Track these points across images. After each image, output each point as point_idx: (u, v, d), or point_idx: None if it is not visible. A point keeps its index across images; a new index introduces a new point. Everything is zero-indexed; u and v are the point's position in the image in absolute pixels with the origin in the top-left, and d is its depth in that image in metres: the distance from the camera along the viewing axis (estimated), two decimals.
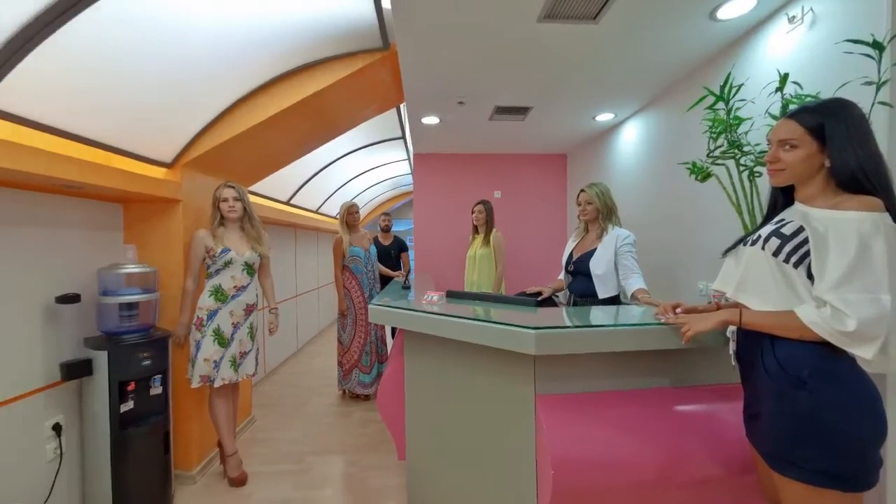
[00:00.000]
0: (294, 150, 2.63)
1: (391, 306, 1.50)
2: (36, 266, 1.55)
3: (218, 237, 1.96)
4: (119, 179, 1.63)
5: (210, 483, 2.03)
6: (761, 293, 0.89)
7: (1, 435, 1.41)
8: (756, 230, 0.98)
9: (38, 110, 1.34)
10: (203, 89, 1.80)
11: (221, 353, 1.92)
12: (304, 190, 4.13)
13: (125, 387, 1.67)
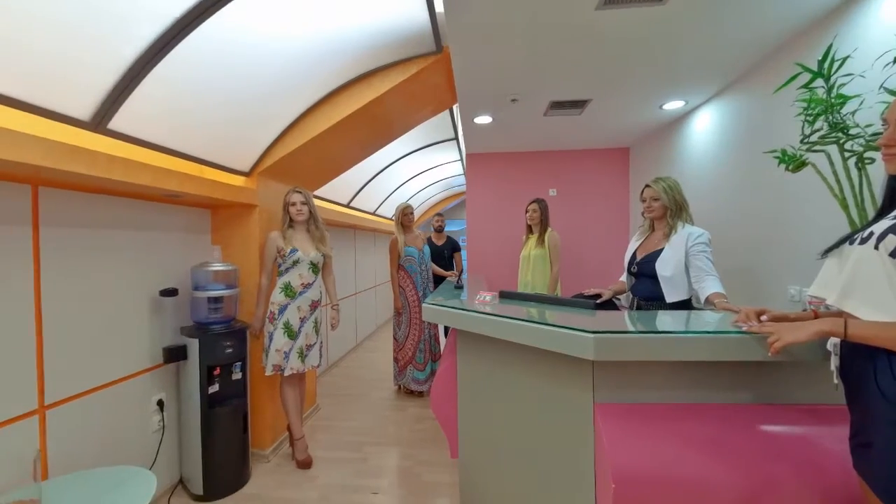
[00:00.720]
0: (354, 155, 2.78)
1: (444, 305, 1.52)
2: (145, 263, 1.82)
3: (287, 238, 2.14)
4: (209, 188, 1.86)
5: (281, 463, 2.22)
6: (874, 300, 0.76)
7: (120, 407, 1.68)
8: (867, 226, 0.83)
9: (146, 130, 1.57)
10: (275, 104, 1.98)
11: (290, 345, 2.10)
12: (363, 193, 4.35)
13: (212, 371, 1.89)
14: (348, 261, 4.51)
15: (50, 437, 1.41)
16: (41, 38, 1.11)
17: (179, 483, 1.98)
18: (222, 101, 1.72)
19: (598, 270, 3.60)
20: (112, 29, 1.22)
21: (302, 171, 2.49)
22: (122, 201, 1.70)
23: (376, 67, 2.12)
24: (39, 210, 1.39)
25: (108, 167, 1.37)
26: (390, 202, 5.36)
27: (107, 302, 1.64)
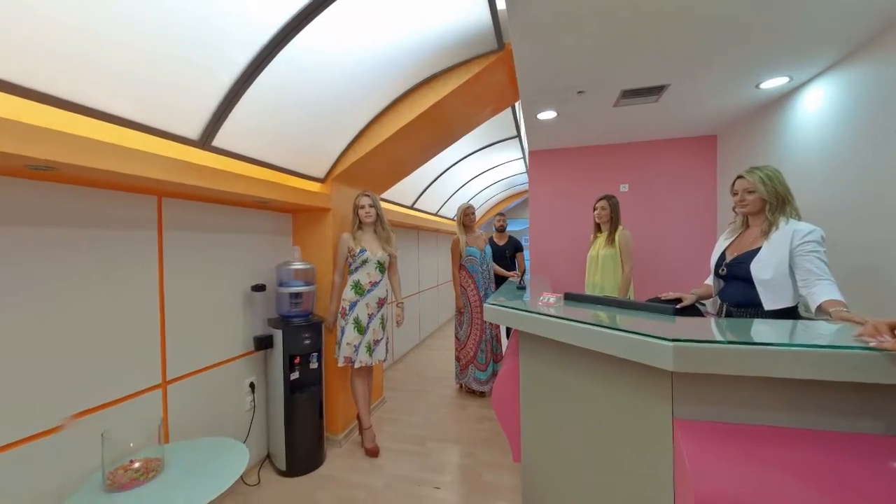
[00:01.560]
0: (417, 158, 2.87)
1: (506, 306, 1.50)
2: (239, 262, 2.07)
3: (357, 239, 2.28)
4: (292, 195, 2.06)
5: (351, 449, 2.38)
6: None
7: (221, 386, 1.94)
8: None
9: (240, 145, 1.79)
10: (346, 114, 2.12)
11: (360, 339, 2.24)
12: (426, 195, 4.47)
13: (293, 360, 2.09)
14: (412, 260, 4.67)
15: (170, 407, 1.67)
16: (161, 71, 1.32)
17: (267, 458, 2.22)
18: (301, 116, 1.90)
19: (678, 273, 3.27)
20: (214, 59, 1.41)
21: (370, 175, 2.64)
22: (221, 208, 1.96)
23: (438, 72, 2.16)
24: (163, 217, 1.66)
25: (213, 179, 1.59)
26: (452, 203, 5.44)
27: (210, 295, 1.90)
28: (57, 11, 1.01)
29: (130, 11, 1.12)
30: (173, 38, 1.26)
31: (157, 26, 1.20)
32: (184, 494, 1.27)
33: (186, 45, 1.31)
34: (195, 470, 1.40)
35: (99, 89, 1.22)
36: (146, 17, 1.16)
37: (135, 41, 1.19)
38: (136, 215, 1.56)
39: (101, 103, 1.25)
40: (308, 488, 1.99)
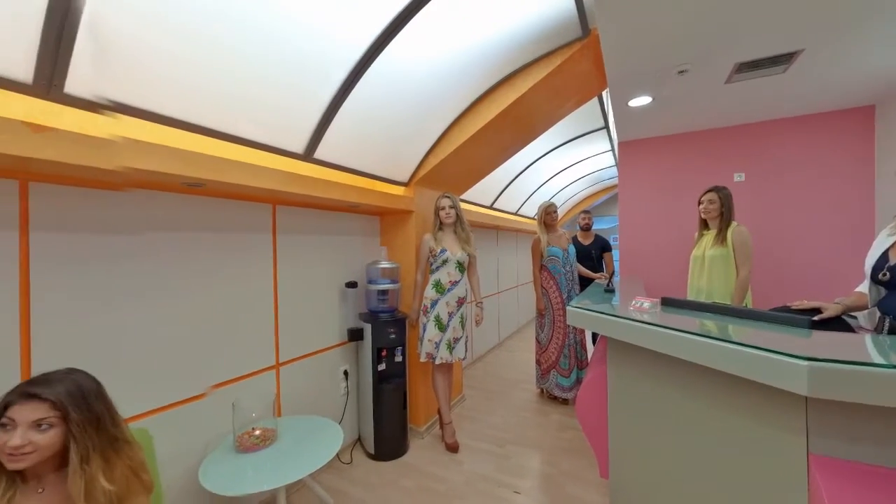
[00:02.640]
0: (496, 158, 2.85)
1: (591, 310, 1.41)
2: (336, 261, 2.30)
3: (438, 239, 2.36)
4: (379, 199, 2.22)
5: (432, 442, 2.46)
6: None
7: (320, 371, 2.18)
8: None
9: (335, 155, 1.98)
10: (427, 120, 2.21)
11: (441, 337, 2.31)
12: (505, 194, 4.42)
13: (380, 352, 2.25)
14: (491, 260, 4.66)
15: (282, 386, 1.94)
16: (275, 96, 1.53)
17: (358, 440, 2.43)
18: (386, 124, 2.03)
19: (813, 278, 2.70)
20: (315, 80, 1.59)
21: (450, 177, 2.71)
22: (320, 213, 2.20)
23: (517, 68, 2.12)
24: (277, 222, 1.93)
25: (315, 187, 1.80)
26: (532, 201, 5.28)
27: (312, 290, 2.14)
28: (205, 58, 1.25)
29: (260, 52, 1.33)
30: (282, 67, 1.45)
31: (270, 58, 1.40)
32: (293, 463, 1.45)
33: (293, 72, 1.50)
34: (301, 443, 1.60)
35: (231, 117, 1.46)
36: (265, 51, 1.36)
37: (257, 73, 1.40)
38: (257, 221, 1.84)
39: (233, 128, 1.50)
40: (393, 474, 2.12)
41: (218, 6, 1.17)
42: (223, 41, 1.25)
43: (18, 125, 0.94)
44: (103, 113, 1.14)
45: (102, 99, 1.13)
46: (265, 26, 1.30)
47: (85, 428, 0.89)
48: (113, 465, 0.93)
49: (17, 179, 1.12)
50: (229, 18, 1.21)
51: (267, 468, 1.42)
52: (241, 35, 1.28)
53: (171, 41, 1.16)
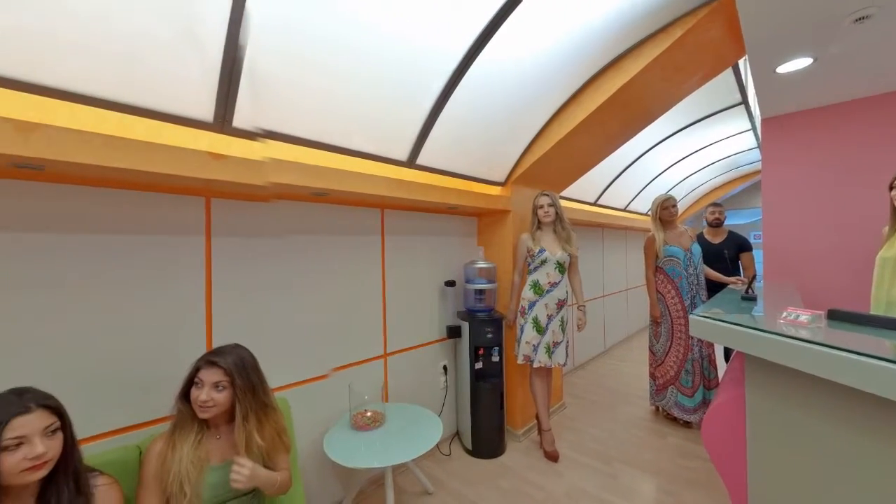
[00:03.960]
0: (601, 151, 2.64)
1: (724, 321, 1.19)
2: (436, 261, 2.42)
3: (536, 239, 2.29)
4: (476, 200, 2.26)
5: (530, 448, 2.40)
6: None
7: (422, 364, 2.32)
8: None
9: (434, 159, 2.08)
10: (524, 117, 2.16)
11: (539, 339, 2.23)
12: (611, 189, 4.05)
13: (477, 350, 2.29)
14: (595, 261, 4.33)
15: (389, 374, 2.12)
16: (381, 109, 1.68)
17: (456, 435, 2.51)
18: (482, 126, 2.05)
19: None
20: (417, 92, 1.70)
21: (549, 174, 2.60)
22: (421, 215, 2.34)
23: (625, 50, 1.92)
24: (385, 224, 2.12)
25: (417, 191, 1.93)
26: (645, 196, 4.73)
27: (415, 287, 2.29)
28: (327, 85, 1.45)
29: (372, 73, 1.49)
30: (389, 84, 1.59)
31: (379, 78, 1.54)
32: (399, 446, 1.58)
33: (398, 87, 1.62)
34: (405, 429, 1.72)
35: (348, 133, 1.66)
36: (375, 72, 1.51)
37: (369, 93, 1.57)
38: (368, 224, 2.05)
39: (349, 143, 1.70)
40: (490, 473, 2.13)
41: (339, 37, 1.34)
42: (342, 68, 1.43)
43: (204, 155, 1.23)
44: (257, 140, 1.42)
45: (257, 128, 1.40)
46: (375, 50, 1.44)
47: (245, 392, 1.12)
48: (263, 425, 1.15)
49: (203, 196, 1.47)
50: (347, 47, 1.38)
51: (376, 447, 1.57)
52: (356, 60, 1.44)
53: (302, 73, 1.37)
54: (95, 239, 1.23)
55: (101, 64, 1.05)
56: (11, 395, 0.82)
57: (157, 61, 1.12)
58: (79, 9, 0.95)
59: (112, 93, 1.10)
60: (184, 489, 1.01)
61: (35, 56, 0.97)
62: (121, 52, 1.06)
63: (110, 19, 1.00)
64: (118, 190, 1.27)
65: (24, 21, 0.91)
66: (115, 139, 1.07)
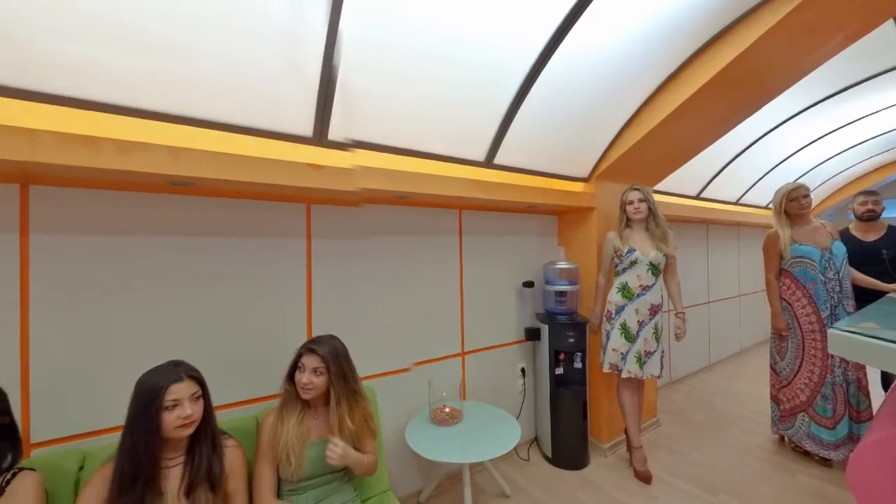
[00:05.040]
0: (703, 138, 2.31)
1: (880, 338, 0.95)
2: (513, 261, 2.38)
3: (625, 238, 2.10)
4: (556, 198, 2.17)
5: (618, 464, 2.21)
6: None
7: (499, 365, 2.30)
8: None
9: (511, 159, 2.04)
10: (608, 108, 2.00)
11: (628, 347, 2.05)
12: (719, 179, 3.53)
13: (558, 355, 2.19)
14: (698, 262, 3.81)
15: (467, 372, 2.15)
16: (459, 112, 1.70)
17: (535, 440, 2.43)
18: (562, 121, 1.95)
19: None
20: (494, 91, 1.69)
21: (639, 167, 2.37)
22: (498, 215, 2.32)
23: (734, 20, 1.66)
24: (462, 225, 2.16)
25: (495, 191, 1.92)
26: (763, 187, 4.01)
27: (492, 288, 2.29)
28: (408, 93, 1.52)
29: (449, 77, 1.53)
30: (467, 86, 1.61)
31: (457, 81, 1.57)
32: (477, 444, 1.59)
33: (476, 88, 1.63)
34: (482, 428, 1.73)
35: (427, 137, 1.73)
36: (452, 76, 1.54)
37: (447, 97, 1.61)
38: (447, 225, 2.11)
39: (428, 146, 1.76)
40: (571, 485, 2.02)
41: (418, 46, 1.40)
42: (422, 76, 1.49)
43: (304, 167, 1.40)
44: (348, 150, 1.56)
45: (347, 139, 1.54)
46: (452, 55, 1.47)
47: (338, 379, 1.23)
48: (353, 410, 1.26)
49: (304, 203, 1.66)
50: (426, 55, 1.43)
51: (454, 443, 1.60)
52: (435, 68, 1.49)
53: (386, 85, 1.46)
54: (223, 241, 1.48)
55: (225, 95, 1.26)
56: (169, 366, 1.03)
57: (268, 89, 1.30)
58: (206, 49, 1.15)
59: (234, 118, 1.32)
60: (290, 458, 1.16)
61: (177, 92, 1.20)
62: (240, 84, 1.25)
63: (230, 56, 1.19)
64: (238, 199, 1.51)
65: (169, 66, 1.14)
66: (239, 157, 1.27)
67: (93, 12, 0.98)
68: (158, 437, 0.96)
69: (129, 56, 1.07)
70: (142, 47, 1.08)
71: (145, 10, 1.03)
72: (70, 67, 1.04)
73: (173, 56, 1.12)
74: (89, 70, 1.06)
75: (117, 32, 1.03)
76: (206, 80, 1.20)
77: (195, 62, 1.15)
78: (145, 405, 0.95)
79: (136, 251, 1.32)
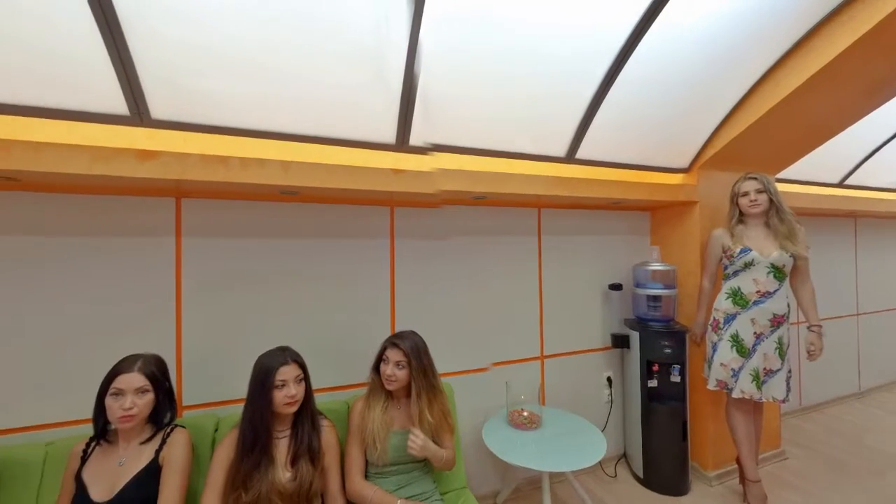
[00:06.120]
0: (849, 112, 1.86)
1: None
2: (598, 261, 2.22)
3: (737, 235, 1.81)
4: (648, 192, 1.96)
5: (727, 497, 1.91)
6: None
7: (581, 372, 2.17)
8: None
9: (595, 152, 1.89)
10: (715, 86, 1.74)
11: (741, 363, 1.76)
12: (872, 161, 2.82)
13: (651, 366, 1.98)
14: (840, 264, 3.11)
15: (546, 377, 2.07)
16: (538, 108, 1.64)
17: (623, 457, 2.24)
18: (655, 108, 1.75)
19: None
20: (576, 81, 1.59)
21: (757, 152, 2.02)
22: (581, 212, 2.18)
23: None
24: (542, 224, 2.09)
25: (577, 188, 1.82)
26: None
27: (573, 290, 2.16)
28: (486, 93, 1.52)
29: (527, 71, 1.49)
30: (546, 79, 1.54)
31: (535, 75, 1.52)
32: (557, 453, 1.53)
33: (556, 80, 1.56)
34: (563, 437, 1.65)
35: (505, 136, 1.71)
36: (530, 70, 1.50)
37: (525, 92, 1.57)
38: (526, 224, 2.05)
39: (506, 145, 1.74)
40: None
41: (494, 44, 1.39)
42: (499, 74, 1.48)
43: (388, 172, 1.49)
44: (427, 154, 1.62)
45: (427, 144, 1.60)
46: (529, 48, 1.42)
47: (419, 373, 1.29)
48: (432, 405, 1.30)
49: (389, 206, 1.77)
50: (502, 52, 1.42)
51: (533, 449, 1.55)
52: (511, 64, 1.46)
53: (463, 87, 1.48)
54: (321, 243, 1.65)
55: (321, 112, 1.40)
56: (278, 351, 1.18)
57: (356, 102, 1.41)
58: (305, 73, 1.30)
59: (329, 132, 1.46)
60: (376, 444, 1.25)
61: (283, 113, 1.37)
62: (333, 101, 1.38)
63: (324, 78, 1.32)
64: (332, 204, 1.67)
65: (276, 91, 1.31)
66: (334, 166, 1.41)
67: (221, 53, 1.18)
68: (270, 411, 1.11)
69: (246, 85, 1.27)
70: (255, 77, 1.26)
71: (258, 45, 1.20)
72: (204, 100, 1.26)
73: (280, 82, 1.29)
74: (218, 100, 1.28)
75: (238, 67, 1.22)
76: (307, 100, 1.36)
77: (297, 86, 1.31)
78: (261, 383, 1.11)
79: (254, 252, 1.56)
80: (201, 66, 1.19)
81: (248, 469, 1.06)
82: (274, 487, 1.07)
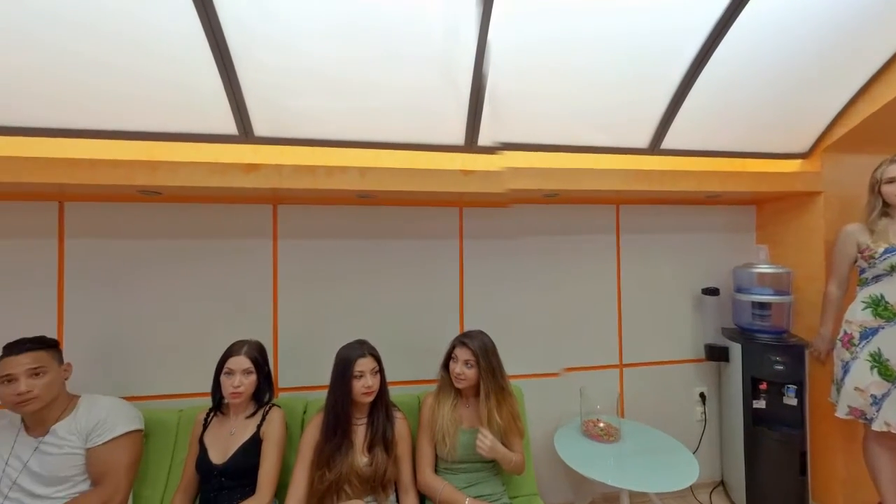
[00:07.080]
0: None
1: None
2: (688, 262, 1.99)
3: (879, 232, 1.48)
4: (751, 183, 1.71)
5: None
6: None
7: (667, 385, 1.96)
8: None
9: (687, 141, 1.69)
10: (846, 49, 1.43)
11: (886, 389, 1.43)
12: None
13: (757, 384, 1.71)
14: None
15: (625, 387, 1.91)
16: (614, 96, 1.51)
17: (721, 484, 1.97)
18: (765, 83, 1.51)
19: None
20: (661, 63, 1.44)
21: None
22: (669, 208, 1.97)
23: None
24: (620, 221, 1.94)
25: (661, 181, 1.65)
26: None
27: (658, 294, 1.96)
28: (557, 87, 1.46)
29: (599, 58, 1.40)
30: (625, 63, 1.41)
31: (609, 60, 1.40)
32: (638, 471, 1.40)
33: (635, 64, 1.42)
34: (646, 454, 1.51)
35: (577, 129, 1.61)
36: (603, 57, 1.39)
37: (598, 80, 1.46)
38: (602, 222, 1.93)
39: (579, 139, 1.64)
40: None
41: (566, 31, 1.32)
42: (571, 64, 1.40)
43: (457, 173, 1.51)
44: (496, 153, 1.61)
45: (496, 143, 1.59)
46: (605, 31, 1.32)
47: (487, 373, 1.29)
48: (501, 406, 1.29)
49: (457, 206, 1.80)
50: (575, 38, 1.34)
51: (609, 463, 1.45)
52: (583, 52, 1.36)
53: (534, 82, 1.44)
54: (394, 244, 1.74)
55: (395, 119, 1.47)
56: (356, 344, 1.27)
57: (427, 107, 1.45)
58: (381, 82, 1.37)
59: (403, 137, 1.53)
60: (445, 440, 1.28)
61: (362, 123, 1.47)
62: (406, 106, 1.44)
63: (398, 84, 1.38)
64: (404, 207, 1.75)
65: (355, 103, 1.40)
66: (407, 170, 1.48)
67: (312, 72, 1.31)
68: (350, 399, 1.20)
69: (334, 100, 1.38)
70: (341, 91, 1.37)
71: (343, 61, 1.30)
72: (298, 116, 1.41)
73: (362, 93, 1.39)
74: (310, 116, 1.42)
75: (327, 84, 1.34)
76: (382, 108, 1.44)
77: (373, 96, 1.40)
78: (341, 373, 1.21)
79: (337, 252, 1.70)
80: (296, 86, 1.33)
81: (331, 451, 1.16)
82: (353, 470, 1.16)
